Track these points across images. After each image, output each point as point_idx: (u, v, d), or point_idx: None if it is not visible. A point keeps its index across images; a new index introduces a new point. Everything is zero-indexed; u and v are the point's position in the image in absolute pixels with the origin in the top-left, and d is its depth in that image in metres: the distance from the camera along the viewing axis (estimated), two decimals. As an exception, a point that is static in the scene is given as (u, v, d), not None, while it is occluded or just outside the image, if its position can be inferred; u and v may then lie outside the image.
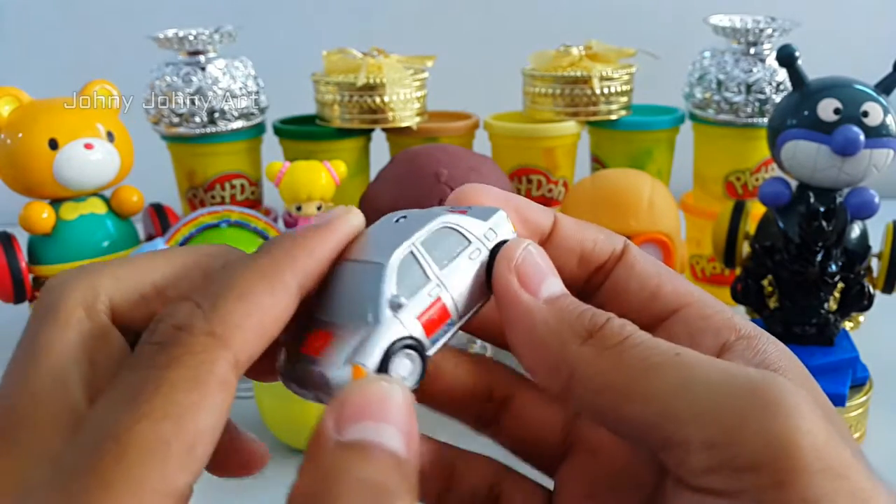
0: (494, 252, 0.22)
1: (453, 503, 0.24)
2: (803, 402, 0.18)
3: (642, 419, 0.19)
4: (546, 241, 0.23)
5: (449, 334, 0.21)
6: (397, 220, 0.23)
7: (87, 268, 0.21)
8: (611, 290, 0.23)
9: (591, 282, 0.24)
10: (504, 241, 0.22)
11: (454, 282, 0.22)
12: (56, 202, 0.60)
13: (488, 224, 0.22)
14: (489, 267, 0.22)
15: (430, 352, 0.21)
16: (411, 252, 0.21)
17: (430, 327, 0.21)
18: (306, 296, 0.21)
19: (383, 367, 0.20)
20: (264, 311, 0.19)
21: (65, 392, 0.19)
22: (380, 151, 0.74)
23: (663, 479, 0.20)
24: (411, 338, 0.21)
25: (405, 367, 0.21)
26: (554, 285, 0.21)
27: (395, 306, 0.21)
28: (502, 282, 0.21)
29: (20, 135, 0.57)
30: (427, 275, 0.21)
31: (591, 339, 0.20)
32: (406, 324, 0.21)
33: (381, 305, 0.21)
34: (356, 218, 0.23)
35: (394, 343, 0.20)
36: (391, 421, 0.18)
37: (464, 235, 0.22)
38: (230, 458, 0.24)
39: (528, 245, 0.22)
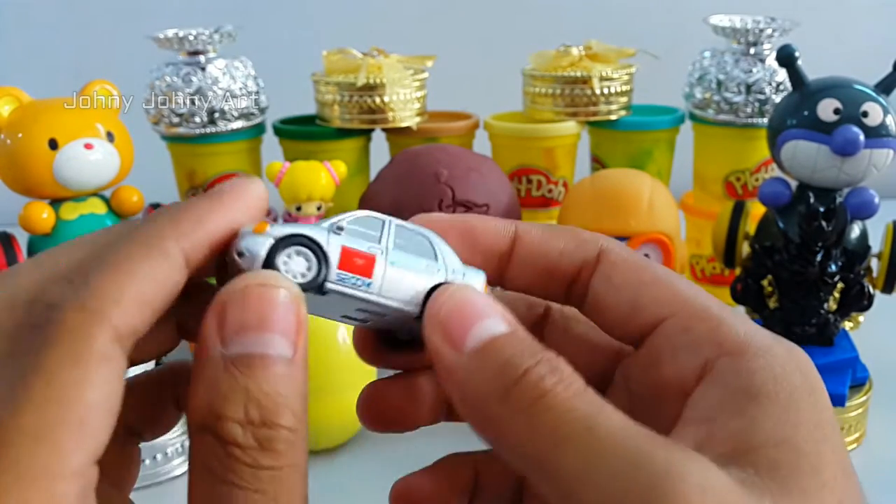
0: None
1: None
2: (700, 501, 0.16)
3: (553, 495, 0.18)
4: (507, 259, 0.22)
5: (357, 291, 0.21)
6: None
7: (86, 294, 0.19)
8: (593, 303, 0.22)
9: (572, 294, 0.22)
10: None
11: (396, 269, 0.21)
12: (56, 202, 0.60)
13: (466, 268, 0.22)
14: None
15: (330, 279, 0.21)
16: (383, 221, 0.22)
17: (346, 263, 0.21)
18: (202, 267, 0.20)
19: (278, 247, 0.20)
20: (142, 280, 0.18)
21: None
22: (380, 151, 0.74)
23: None
24: (308, 238, 0.20)
25: (300, 265, 0.20)
26: (486, 329, 0.19)
27: (333, 227, 0.21)
28: (428, 337, 0.20)
29: (20, 135, 0.57)
30: (380, 240, 0.21)
31: (506, 397, 0.18)
32: (328, 240, 0.21)
33: (324, 222, 0.21)
34: (255, 188, 0.21)
35: (296, 234, 0.20)
36: (275, 329, 0.18)
37: (436, 253, 0.22)
38: None
39: (451, 292, 0.20)
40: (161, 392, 0.24)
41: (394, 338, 0.24)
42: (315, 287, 0.21)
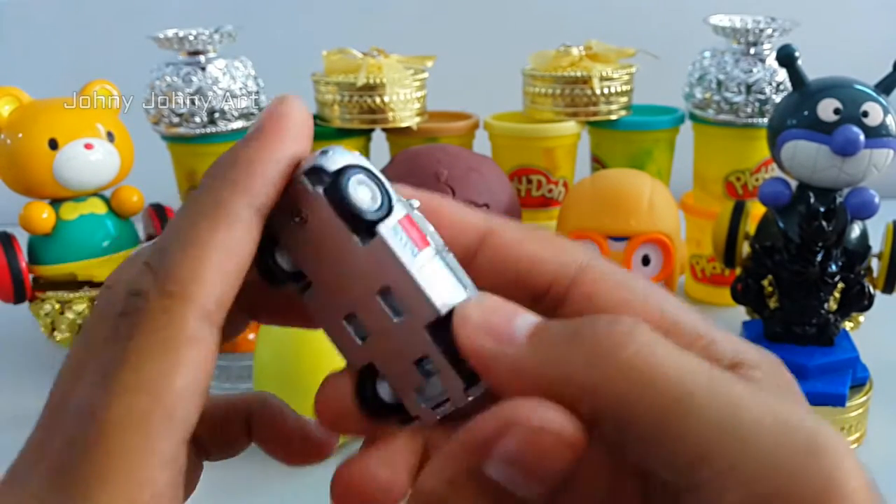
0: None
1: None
2: (853, 460, 0.16)
3: (672, 459, 0.16)
4: (472, 257, 0.21)
5: (403, 253, 0.19)
6: None
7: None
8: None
9: (541, 306, 0.20)
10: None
11: (441, 265, 0.20)
12: (56, 202, 0.60)
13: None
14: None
15: (387, 223, 0.19)
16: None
17: (405, 224, 0.20)
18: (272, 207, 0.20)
19: (340, 180, 0.19)
20: (219, 251, 0.18)
21: None
22: (380, 151, 0.74)
23: (650, 499, 0.19)
24: (380, 179, 0.20)
25: (365, 194, 0.19)
26: (525, 320, 0.18)
27: (408, 203, 0.20)
28: (473, 350, 0.18)
29: (20, 135, 0.57)
30: (435, 237, 0.20)
31: (597, 352, 0.17)
32: (397, 199, 0.20)
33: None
34: (294, 110, 0.21)
35: (370, 170, 0.20)
36: (537, 479, 0.17)
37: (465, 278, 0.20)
38: (297, 445, 0.24)
39: (473, 298, 0.19)
40: (235, 417, 0.24)
41: (372, 397, 0.21)
42: (370, 223, 0.19)
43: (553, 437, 0.17)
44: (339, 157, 0.20)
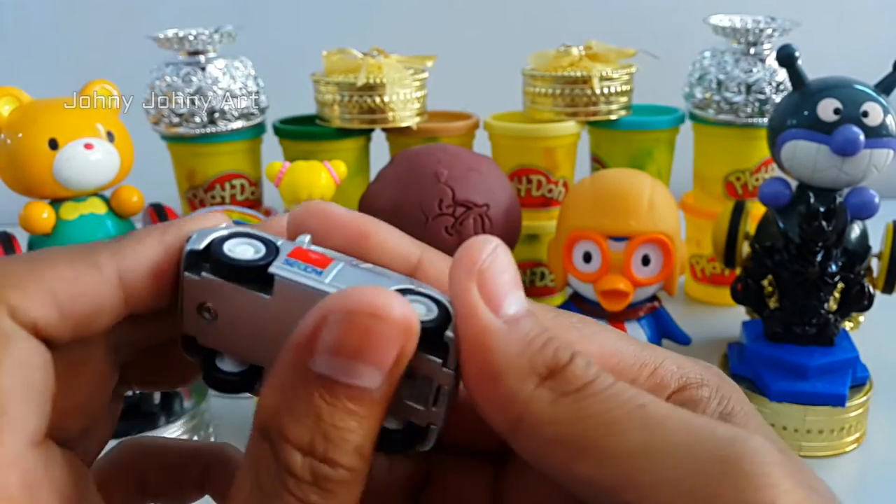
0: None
1: (384, 495, 0.22)
2: (777, 467, 0.16)
3: (596, 480, 0.16)
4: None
5: (307, 279, 0.19)
6: None
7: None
8: None
9: None
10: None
11: (356, 270, 0.19)
12: (56, 202, 0.60)
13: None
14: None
15: (277, 263, 0.19)
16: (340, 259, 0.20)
17: (297, 255, 0.19)
18: (148, 292, 0.19)
19: (215, 251, 0.19)
20: (59, 280, 0.18)
21: None
22: (380, 151, 0.74)
23: None
24: (237, 233, 0.19)
25: (245, 250, 0.19)
26: (518, 301, 0.18)
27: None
28: (460, 287, 0.18)
29: (20, 135, 0.57)
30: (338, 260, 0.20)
31: (550, 379, 0.17)
32: (283, 242, 0.20)
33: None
34: (209, 220, 0.20)
35: (227, 232, 0.20)
36: (371, 360, 0.17)
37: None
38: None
39: (497, 246, 0.18)
40: (190, 464, 0.24)
41: (216, 370, 0.20)
42: (263, 269, 0.19)
43: (367, 318, 0.16)
44: (203, 235, 0.20)
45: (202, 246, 0.19)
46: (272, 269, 0.19)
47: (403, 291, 0.18)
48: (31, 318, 0.18)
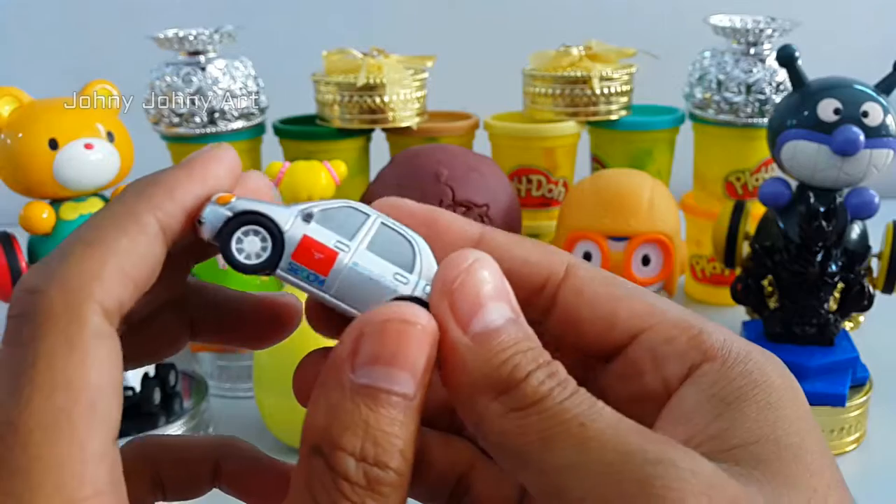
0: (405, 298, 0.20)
1: (419, 488, 0.23)
2: (691, 495, 0.16)
3: (536, 489, 0.18)
4: None
5: (309, 286, 0.20)
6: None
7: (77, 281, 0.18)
8: (562, 318, 0.21)
9: (534, 307, 0.21)
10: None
11: (358, 272, 0.20)
12: (56, 202, 0.60)
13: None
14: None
15: (281, 266, 0.20)
16: (367, 216, 0.21)
17: (302, 254, 0.20)
18: (181, 238, 0.20)
19: (233, 223, 0.20)
20: (121, 254, 0.18)
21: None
22: (380, 151, 0.74)
23: None
24: (267, 218, 0.20)
25: (254, 245, 0.20)
26: (492, 314, 0.19)
27: (303, 213, 0.20)
28: (434, 304, 0.19)
29: (20, 135, 0.57)
30: (353, 237, 0.20)
31: (503, 395, 0.18)
32: (292, 224, 0.20)
33: (301, 205, 0.21)
34: (226, 156, 0.21)
35: (256, 212, 0.20)
36: (405, 366, 0.18)
37: (414, 262, 0.21)
38: (271, 488, 0.24)
39: (472, 262, 0.19)
40: (200, 459, 0.24)
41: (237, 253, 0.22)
42: (265, 270, 0.20)
43: (398, 322, 0.18)
44: (215, 217, 0.20)
45: (214, 231, 0.20)
46: (277, 273, 0.20)
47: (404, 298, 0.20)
48: (117, 304, 0.18)
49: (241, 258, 0.20)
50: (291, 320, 0.24)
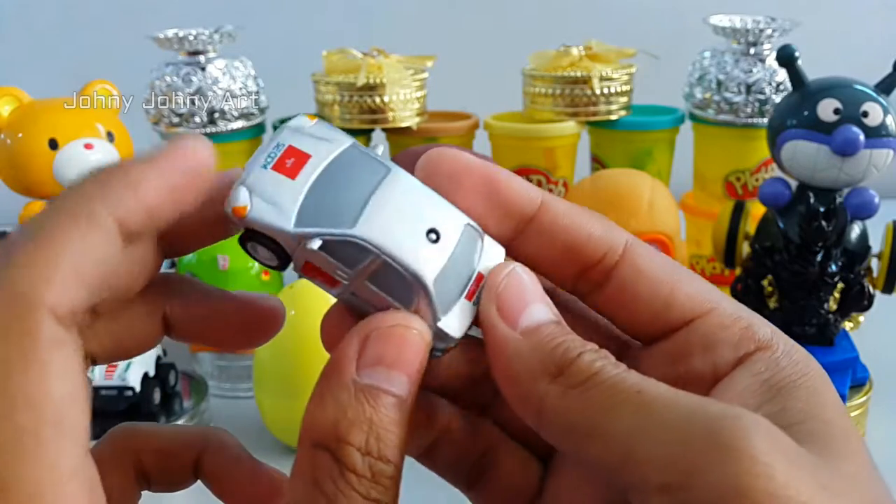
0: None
1: (441, 461, 0.24)
2: (764, 443, 0.16)
3: (603, 460, 0.18)
4: (527, 226, 0.21)
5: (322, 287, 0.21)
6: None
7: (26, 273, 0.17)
8: (615, 294, 0.22)
9: (586, 279, 0.22)
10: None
11: (360, 295, 0.21)
12: (56, 202, 0.60)
13: (483, 235, 0.21)
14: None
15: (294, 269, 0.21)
16: (373, 252, 0.20)
17: (309, 273, 0.21)
18: (147, 235, 0.19)
19: (242, 238, 0.21)
20: (73, 253, 0.17)
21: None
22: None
23: None
24: (268, 238, 0.20)
25: (265, 253, 0.21)
26: (536, 313, 0.20)
27: (309, 239, 0.20)
28: (482, 309, 0.21)
29: (20, 135, 0.57)
30: (353, 267, 0.20)
31: (560, 376, 0.19)
32: (295, 248, 0.20)
33: (309, 221, 0.20)
34: (196, 147, 0.20)
35: (259, 233, 0.20)
36: (403, 369, 0.20)
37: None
38: (247, 492, 0.24)
39: (511, 269, 0.21)
40: (185, 451, 0.24)
41: None
42: (282, 269, 0.21)
43: (402, 328, 0.20)
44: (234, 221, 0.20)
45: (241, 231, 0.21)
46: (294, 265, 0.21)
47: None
48: (70, 310, 0.17)
49: (258, 258, 0.21)
50: (273, 324, 0.24)
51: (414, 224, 0.20)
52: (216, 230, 0.22)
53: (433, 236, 0.20)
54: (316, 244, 0.20)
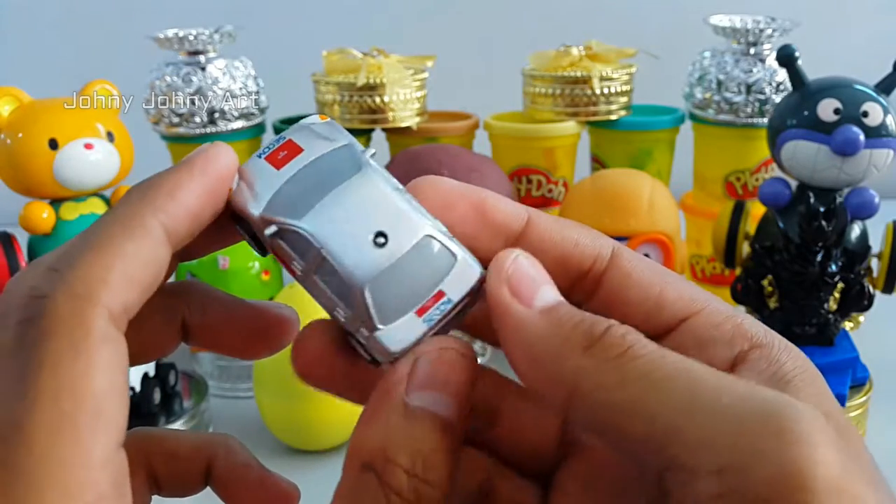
0: None
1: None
2: (819, 430, 0.17)
3: (646, 439, 0.18)
4: (517, 241, 0.22)
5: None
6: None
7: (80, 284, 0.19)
8: (607, 299, 0.22)
9: (578, 289, 0.22)
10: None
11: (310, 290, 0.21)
12: (56, 202, 0.60)
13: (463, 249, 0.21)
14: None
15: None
16: (316, 246, 0.21)
17: (280, 260, 0.22)
18: (188, 239, 0.21)
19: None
20: (127, 258, 0.19)
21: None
22: (380, 151, 0.74)
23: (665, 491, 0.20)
24: (246, 231, 0.22)
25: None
26: (548, 294, 0.20)
27: (274, 231, 0.21)
28: (494, 293, 0.20)
29: (20, 135, 0.57)
30: (304, 258, 0.21)
31: (591, 349, 0.19)
32: (267, 236, 0.21)
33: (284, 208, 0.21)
34: (223, 154, 0.22)
35: (240, 225, 0.22)
36: (452, 393, 0.20)
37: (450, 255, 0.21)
38: (257, 497, 0.24)
39: (518, 255, 0.21)
40: (196, 457, 0.24)
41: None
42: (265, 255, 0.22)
43: (453, 352, 0.20)
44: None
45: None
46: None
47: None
48: (123, 310, 0.19)
49: (248, 241, 0.22)
50: (287, 333, 0.24)
51: (361, 224, 0.20)
52: (226, 235, 0.23)
53: (381, 240, 0.20)
54: (270, 230, 0.21)
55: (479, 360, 0.21)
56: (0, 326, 0.18)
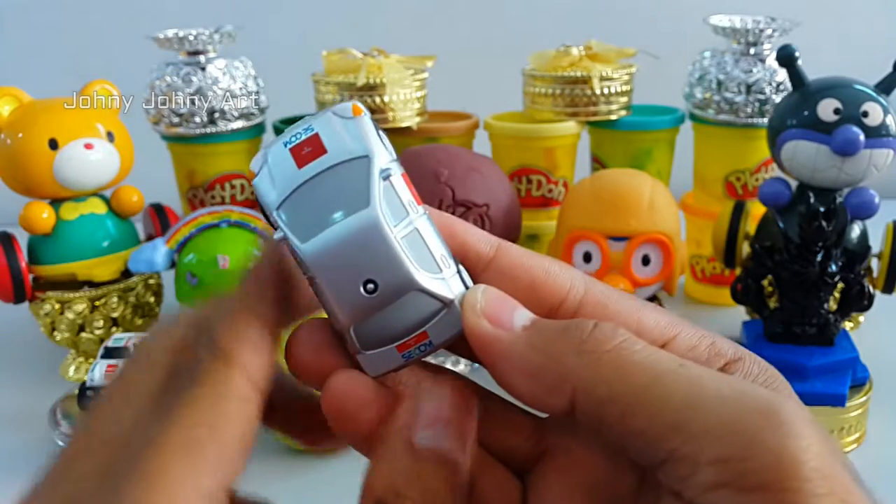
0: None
1: None
2: (808, 424, 0.18)
3: (648, 431, 0.18)
4: (486, 269, 0.23)
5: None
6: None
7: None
8: None
9: (554, 318, 0.22)
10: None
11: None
12: (56, 202, 0.60)
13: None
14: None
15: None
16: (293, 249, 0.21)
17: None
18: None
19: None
20: (264, 331, 0.21)
21: None
22: (380, 151, 0.74)
23: (644, 490, 0.21)
24: (265, 214, 0.22)
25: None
26: (524, 314, 0.21)
27: (276, 220, 0.21)
28: (474, 328, 0.21)
29: (20, 135, 0.57)
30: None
31: (584, 346, 0.20)
32: (280, 232, 0.21)
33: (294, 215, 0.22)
34: (272, 271, 0.22)
35: (263, 211, 0.22)
36: (456, 431, 0.21)
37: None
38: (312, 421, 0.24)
39: (484, 287, 0.22)
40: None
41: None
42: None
43: (457, 392, 0.21)
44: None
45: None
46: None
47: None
48: (259, 385, 0.20)
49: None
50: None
51: (354, 270, 0.21)
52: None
53: (370, 286, 0.21)
54: (278, 235, 0.21)
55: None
56: (152, 367, 0.20)
